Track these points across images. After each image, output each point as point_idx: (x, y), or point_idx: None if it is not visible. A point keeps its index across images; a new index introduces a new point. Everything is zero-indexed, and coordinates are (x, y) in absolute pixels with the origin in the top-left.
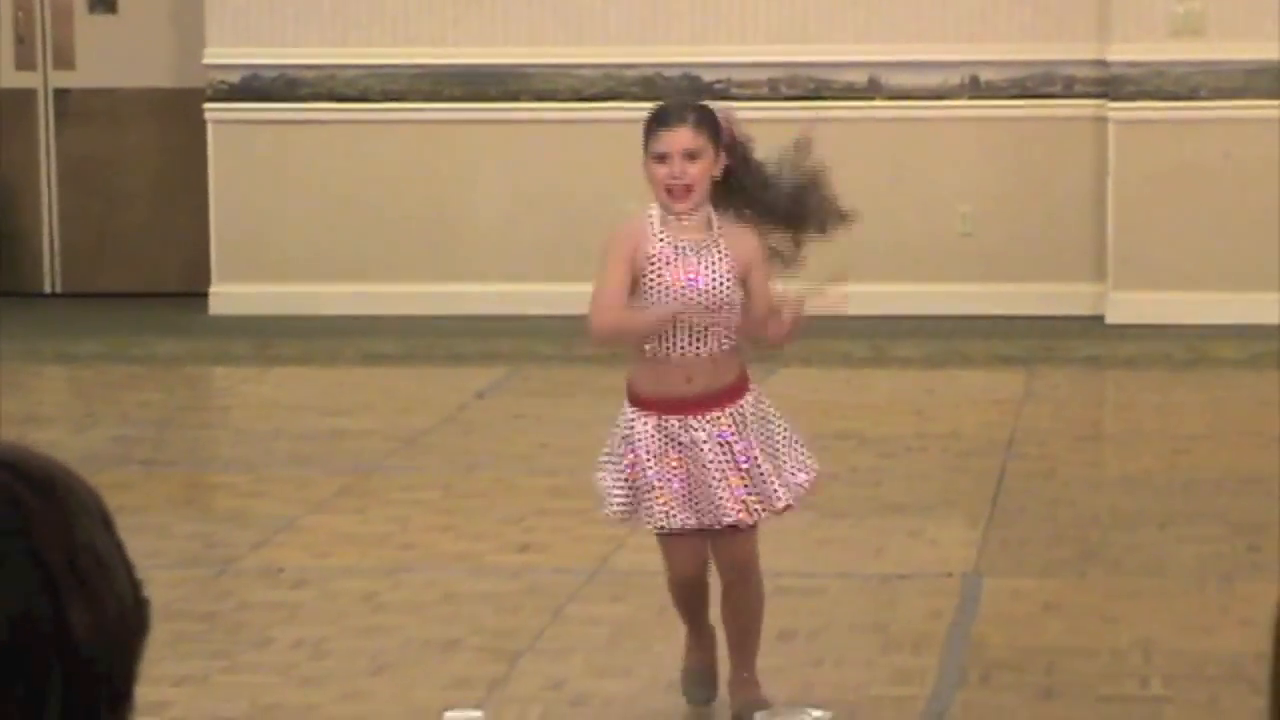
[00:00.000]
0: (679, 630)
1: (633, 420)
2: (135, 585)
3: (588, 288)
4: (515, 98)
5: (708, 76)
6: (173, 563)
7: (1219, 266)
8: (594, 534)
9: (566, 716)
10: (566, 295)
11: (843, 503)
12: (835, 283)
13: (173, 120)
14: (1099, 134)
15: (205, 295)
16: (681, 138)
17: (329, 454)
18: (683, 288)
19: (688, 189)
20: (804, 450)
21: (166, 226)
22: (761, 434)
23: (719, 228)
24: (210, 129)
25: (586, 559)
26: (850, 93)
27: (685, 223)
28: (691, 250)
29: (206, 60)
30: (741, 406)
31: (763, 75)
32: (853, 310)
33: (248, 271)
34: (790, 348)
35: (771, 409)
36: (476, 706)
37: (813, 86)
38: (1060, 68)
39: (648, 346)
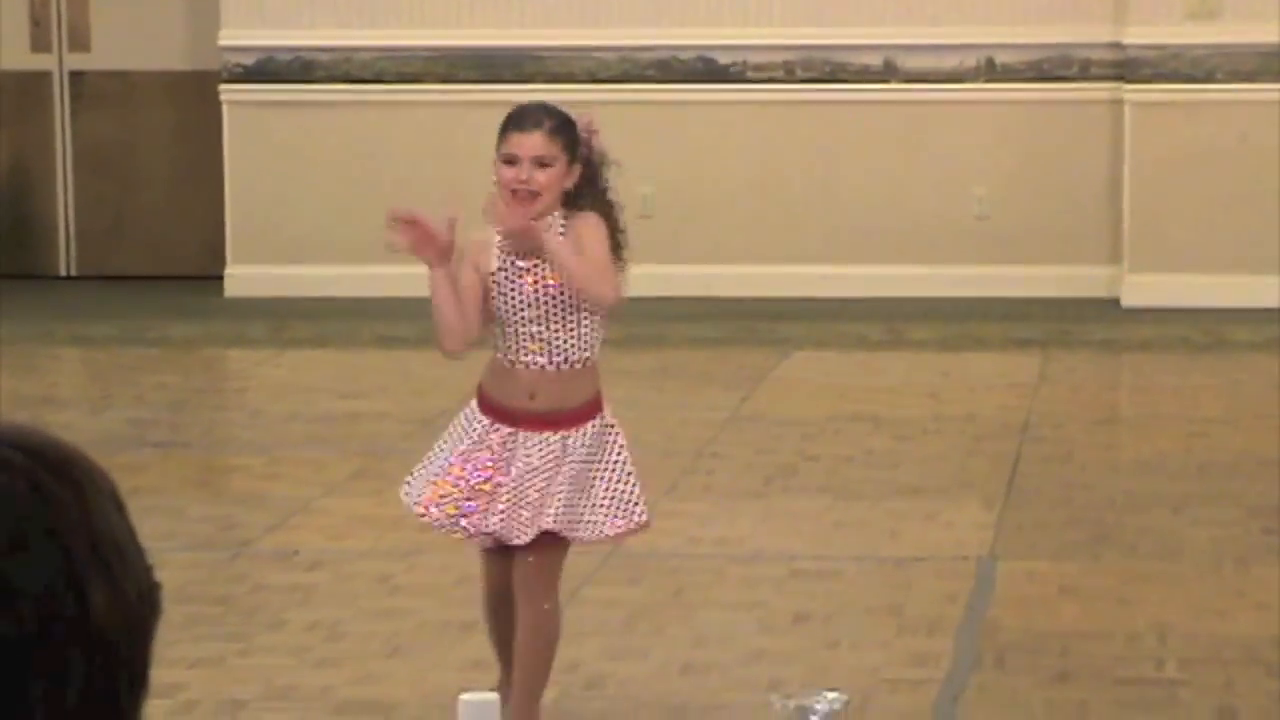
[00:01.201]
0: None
1: (470, 416)
2: (148, 569)
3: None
4: (530, 80)
5: (723, 59)
6: (188, 545)
7: (1235, 249)
8: None
9: (582, 699)
10: None
11: (858, 485)
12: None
13: (188, 102)
14: (1115, 117)
15: (220, 278)
16: (535, 143)
17: (344, 436)
18: (528, 299)
19: (533, 195)
20: (629, 501)
21: (182, 209)
22: (582, 466)
23: (561, 230)
24: (226, 111)
25: (600, 542)
26: (866, 75)
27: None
28: (528, 259)
29: (222, 42)
30: (578, 433)
31: (778, 58)
32: (868, 292)
33: (263, 254)
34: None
35: (614, 447)
36: (492, 689)
37: (828, 69)
38: (1076, 50)
39: (498, 354)
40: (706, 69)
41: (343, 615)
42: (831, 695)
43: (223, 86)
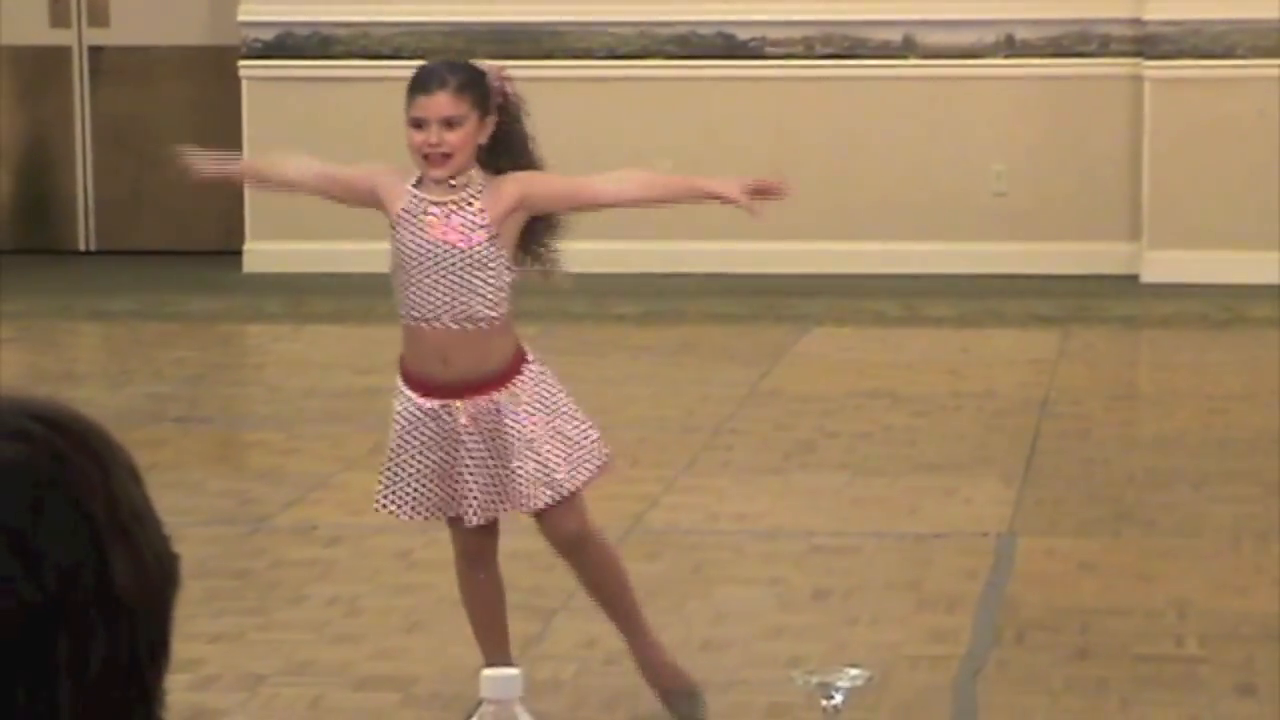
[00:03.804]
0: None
1: (398, 397)
2: (166, 541)
3: (620, 245)
4: (549, 55)
5: (742, 34)
6: (207, 520)
7: (1255, 225)
8: (627, 493)
9: (600, 675)
10: (598, 253)
11: (877, 462)
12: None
13: (207, 78)
14: (1134, 92)
15: (239, 253)
16: (440, 104)
17: (362, 411)
18: (431, 247)
19: (446, 157)
20: (590, 441)
21: (200, 184)
22: (530, 421)
23: (480, 185)
24: (245, 86)
25: (620, 518)
26: (885, 51)
27: (441, 185)
28: (441, 208)
29: (241, 18)
30: (508, 391)
31: (798, 34)
32: (887, 268)
33: (282, 229)
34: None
35: (554, 390)
36: (511, 664)
37: (847, 45)
38: (1096, 26)
39: (403, 315)
40: (726, 44)
41: (362, 590)
42: (854, 672)
43: (241, 62)
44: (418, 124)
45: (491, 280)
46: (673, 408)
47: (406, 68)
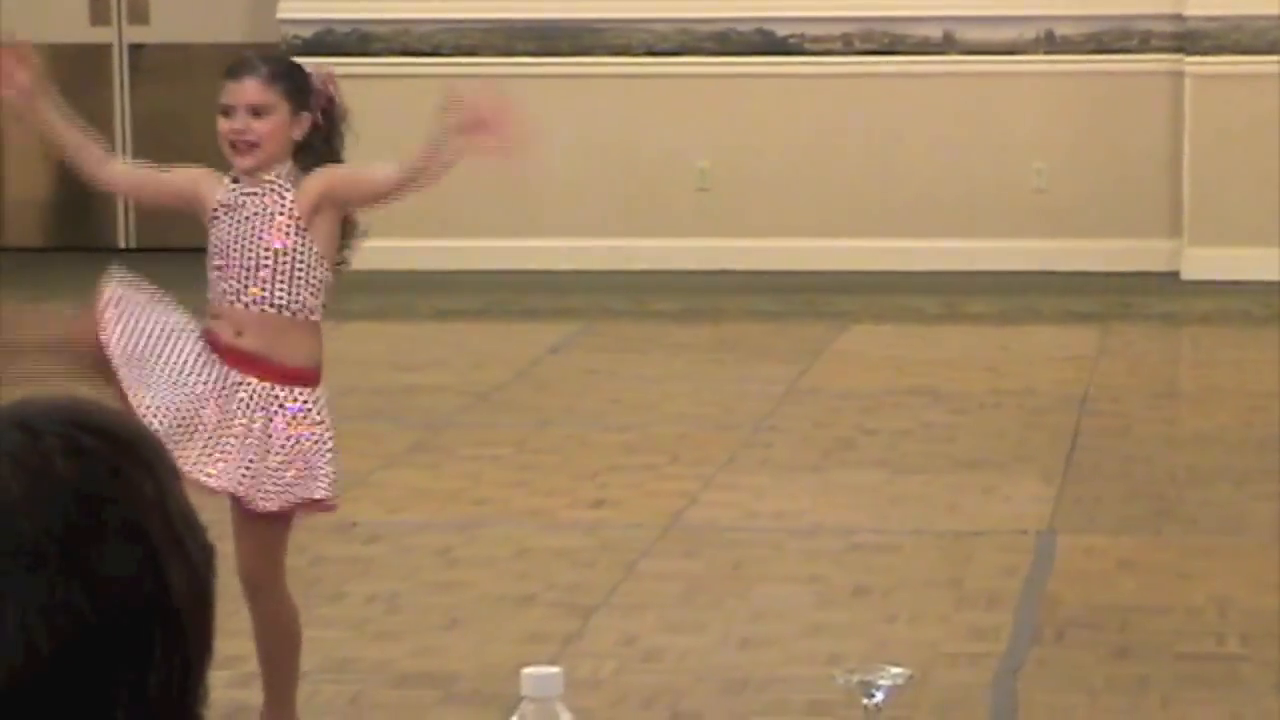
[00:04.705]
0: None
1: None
2: (204, 531)
3: (661, 243)
4: (588, 53)
5: (781, 31)
6: None
7: None
8: (667, 490)
9: (639, 672)
10: (639, 250)
11: (916, 459)
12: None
13: None
14: (1175, 89)
15: None
16: (247, 91)
17: (402, 409)
18: (246, 236)
19: (251, 145)
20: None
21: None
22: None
23: (292, 179)
24: None
25: (659, 515)
26: (925, 47)
27: (254, 177)
28: (255, 197)
29: (280, 15)
30: (290, 399)
31: (837, 30)
32: (926, 265)
33: None
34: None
35: (307, 432)
36: (551, 662)
37: (887, 41)
38: (1136, 22)
39: (212, 298)
40: (765, 41)
41: (401, 588)
42: (895, 670)
43: None
44: (225, 111)
45: (300, 273)
46: (712, 405)
47: (447, 65)
